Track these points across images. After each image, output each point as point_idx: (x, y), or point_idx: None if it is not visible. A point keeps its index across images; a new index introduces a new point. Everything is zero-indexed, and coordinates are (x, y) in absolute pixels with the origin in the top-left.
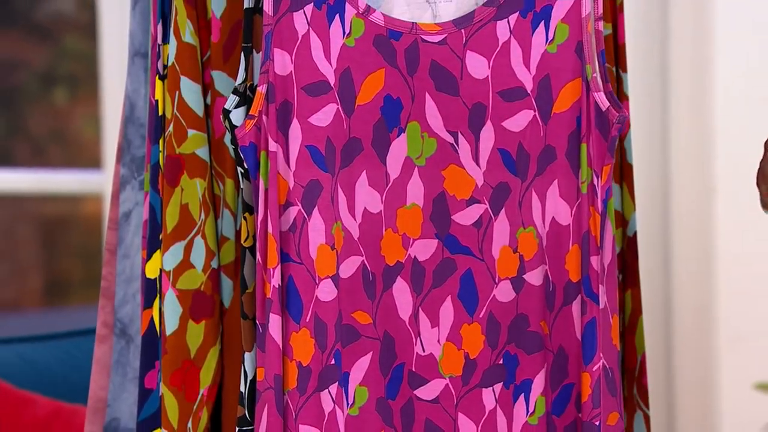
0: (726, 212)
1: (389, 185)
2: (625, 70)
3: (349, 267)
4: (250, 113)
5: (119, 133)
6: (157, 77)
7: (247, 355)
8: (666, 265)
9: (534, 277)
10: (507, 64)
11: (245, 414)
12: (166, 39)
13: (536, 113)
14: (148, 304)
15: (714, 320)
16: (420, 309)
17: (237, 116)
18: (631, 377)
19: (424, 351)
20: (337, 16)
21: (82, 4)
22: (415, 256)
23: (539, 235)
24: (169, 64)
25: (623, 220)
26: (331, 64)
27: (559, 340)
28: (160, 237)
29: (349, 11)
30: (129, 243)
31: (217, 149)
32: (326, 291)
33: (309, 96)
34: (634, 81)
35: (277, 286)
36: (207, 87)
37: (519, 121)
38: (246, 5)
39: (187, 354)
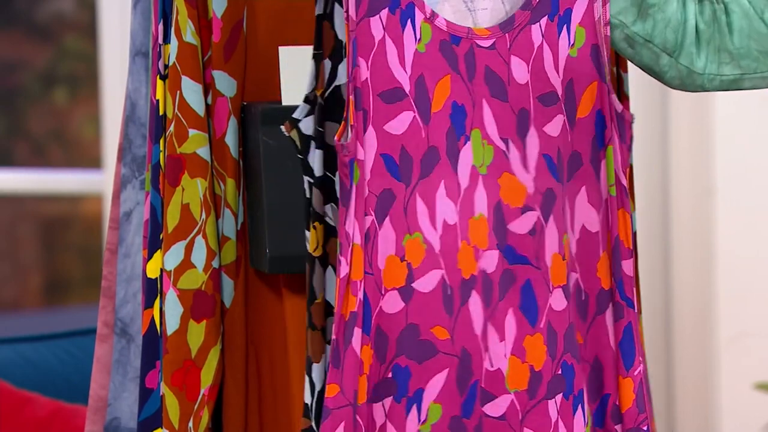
0: (726, 212)
1: (462, 195)
2: (625, 70)
3: (430, 281)
4: (351, 124)
5: (120, 132)
6: (158, 77)
7: (315, 366)
8: (666, 265)
9: (570, 285)
10: (542, 68)
11: (312, 426)
12: (167, 39)
13: (565, 118)
14: (148, 303)
15: (714, 320)
16: (488, 323)
17: (306, 125)
18: None
19: (492, 366)
20: (409, 20)
21: (82, 4)
22: (484, 269)
23: (569, 241)
24: (170, 63)
25: None
26: (405, 71)
27: (595, 350)
28: (161, 237)
29: (419, 16)
30: (130, 242)
31: (218, 149)
32: (391, 303)
33: (385, 103)
34: (634, 81)
35: (362, 299)
36: (208, 87)
37: (555, 125)
38: (317, 12)
39: (188, 354)
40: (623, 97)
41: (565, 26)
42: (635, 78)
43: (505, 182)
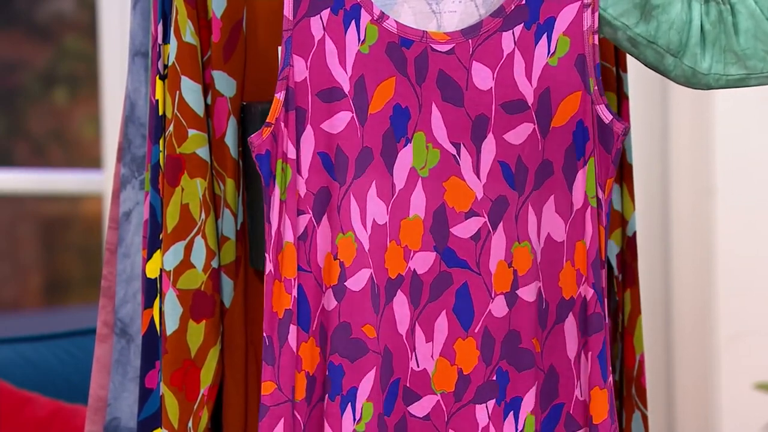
0: (726, 212)
1: (395, 196)
2: (625, 70)
3: (360, 280)
4: (267, 121)
5: (120, 132)
6: (157, 77)
7: None
8: (666, 265)
9: (527, 293)
10: (510, 76)
11: None
12: (166, 39)
13: (536, 127)
14: (148, 303)
15: (714, 320)
16: (416, 323)
17: None
18: (629, 377)
19: (418, 366)
20: (353, 22)
21: (82, 4)
22: (414, 269)
23: (533, 250)
24: (170, 63)
25: (623, 220)
26: (346, 71)
27: (551, 360)
28: (161, 237)
29: (365, 17)
30: (129, 242)
31: (218, 149)
32: (329, 300)
33: (322, 102)
34: (634, 81)
35: (296, 297)
36: (207, 87)
37: (519, 134)
38: None
39: (188, 354)
40: (623, 97)
41: (544, 35)
42: (635, 78)
43: (451, 186)
